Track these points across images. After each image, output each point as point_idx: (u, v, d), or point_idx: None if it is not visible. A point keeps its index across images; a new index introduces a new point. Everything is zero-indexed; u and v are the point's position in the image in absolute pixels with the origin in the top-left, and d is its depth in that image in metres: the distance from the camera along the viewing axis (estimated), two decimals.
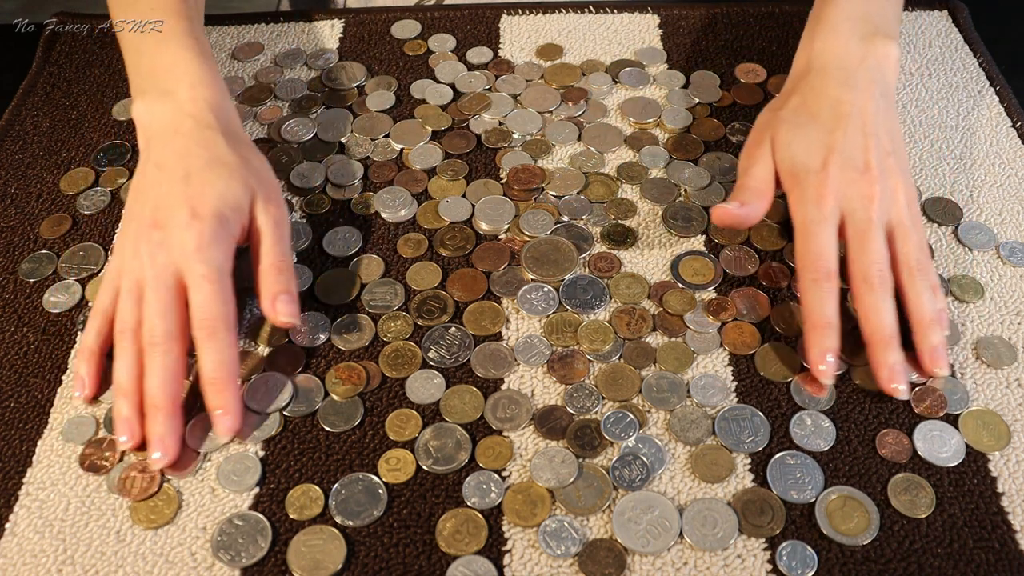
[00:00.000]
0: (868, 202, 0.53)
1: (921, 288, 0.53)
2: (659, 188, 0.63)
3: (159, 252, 0.51)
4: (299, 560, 0.46)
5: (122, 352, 0.50)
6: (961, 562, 0.46)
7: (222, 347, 0.50)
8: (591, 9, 0.79)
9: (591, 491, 0.48)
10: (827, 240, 0.53)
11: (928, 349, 0.52)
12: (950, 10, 0.78)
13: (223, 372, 0.49)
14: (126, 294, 0.51)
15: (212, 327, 0.50)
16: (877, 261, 0.52)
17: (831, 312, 0.52)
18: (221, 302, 0.50)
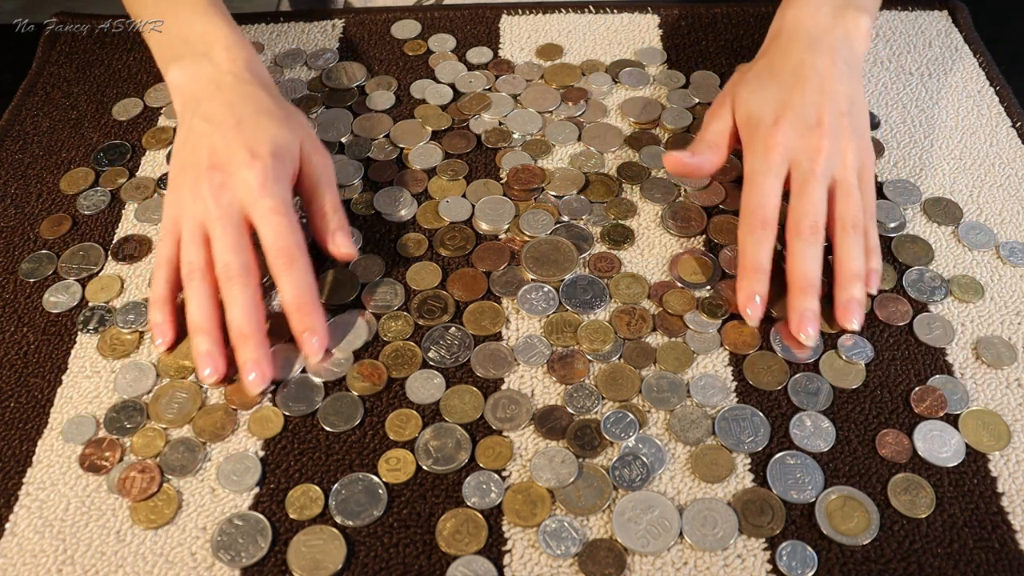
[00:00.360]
0: (814, 155, 0.55)
1: (851, 244, 0.54)
2: (659, 188, 0.63)
3: (222, 192, 0.53)
4: (299, 560, 0.46)
5: (194, 292, 0.52)
6: (961, 562, 0.46)
7: (301, 273, 0.52)
8: (591, 9, 0.79)
9: (591, 491, 0.48)
10: (769, 189, 0.55)
11: (843, 301, 0.54)
12: (950, 10, 0.78)
13: (307, 296, 0.52)
14: (190, 237, 0.53)
15: (290, 255, 0.52)
16: (810, 212, 0.54)
17: (763, 258, 0.54)
18: (293, 231, 0.53)
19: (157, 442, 0.50)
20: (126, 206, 0.64)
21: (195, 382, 0.53)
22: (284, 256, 0.52)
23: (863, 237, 0.55)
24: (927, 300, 0.57)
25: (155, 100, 0.72)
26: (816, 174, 0.54)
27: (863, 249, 0.55)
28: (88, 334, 0.56)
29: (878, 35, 0.76)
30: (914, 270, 0.58)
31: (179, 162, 0.56)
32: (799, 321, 0.53)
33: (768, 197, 0.55)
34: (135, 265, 0.59)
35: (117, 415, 0.51)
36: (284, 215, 0.53)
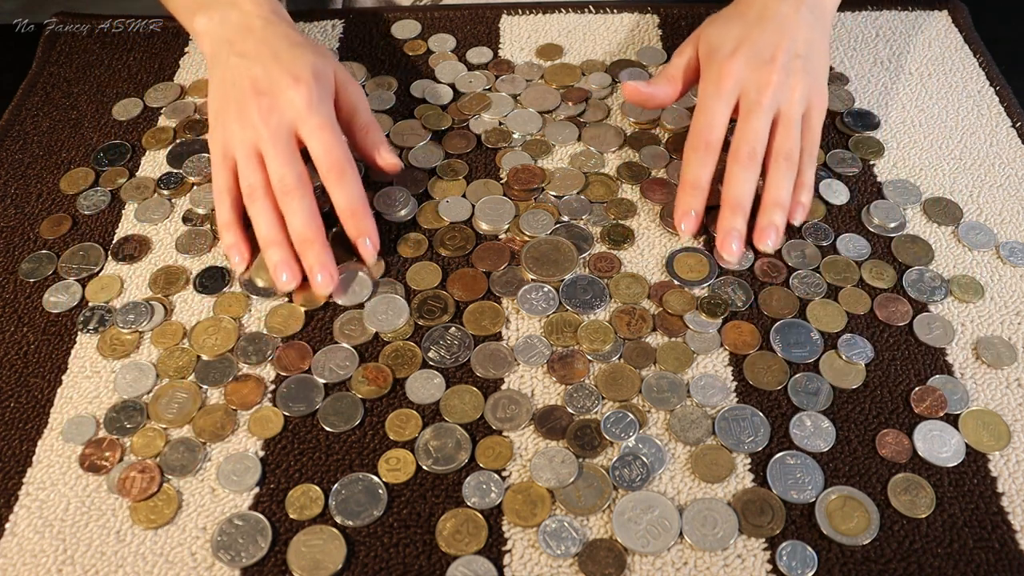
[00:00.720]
0: (763, 87, 0.58)
1: (781, 175, 0.58)
2: (659, 188, 0.63)
3: (271, 115, 0.56)
4: (299, 560, 0.46)
5: (258, 211, 0.56)
6: (961, 562, 0.46)
7: (352, 183, 0.56)
8: (591, 9, 0.79)
9: (591, 491, 0.48)
10: (717, 114, 0.58)
11: (763, 224, 0.58)
12: (950, 10, 0.78)
13: (359, 203, 0.57)
14: (245, 160, 0.56)
15: (340, 168, 0.56)
16: (750, 140, 0.58)
17: (703, 177, 0.58)
18: (341, 145, 0.56)
19: (157, 442, 0.50)
20: (126, 206, 0.64)
21: (194, 382, 0.53)
22: (336, 169, 0.56)
23: (794, 170, 0.59)
24: (927, 300, 0.57)
25: (155, 100, 0.72)
26: (762, 105, 0.58)
27: (792, 181, 0.59)
28: (88, 334, 0.56)
29: (878, 35, 0.76)
30: (914, 270, 0.58)
31: (220, 97, 0.59)
32: (724, 237, 0.58)
33: (715, 121, 0.58)
34: (135, 265, 0.59)
35: (117, 415, 0.51)
36: (331, 130, 0.56)
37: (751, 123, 0.58)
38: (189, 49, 0.76)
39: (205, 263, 0.59)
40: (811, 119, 0.60)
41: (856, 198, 0.63)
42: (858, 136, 0.68)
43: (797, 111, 0.59)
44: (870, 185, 0.64)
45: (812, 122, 0.60)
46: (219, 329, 0.55)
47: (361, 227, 0.57)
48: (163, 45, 0.77)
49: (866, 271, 0.58)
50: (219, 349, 0.54)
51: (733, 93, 0.59)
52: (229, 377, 0.53)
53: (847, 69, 0.73)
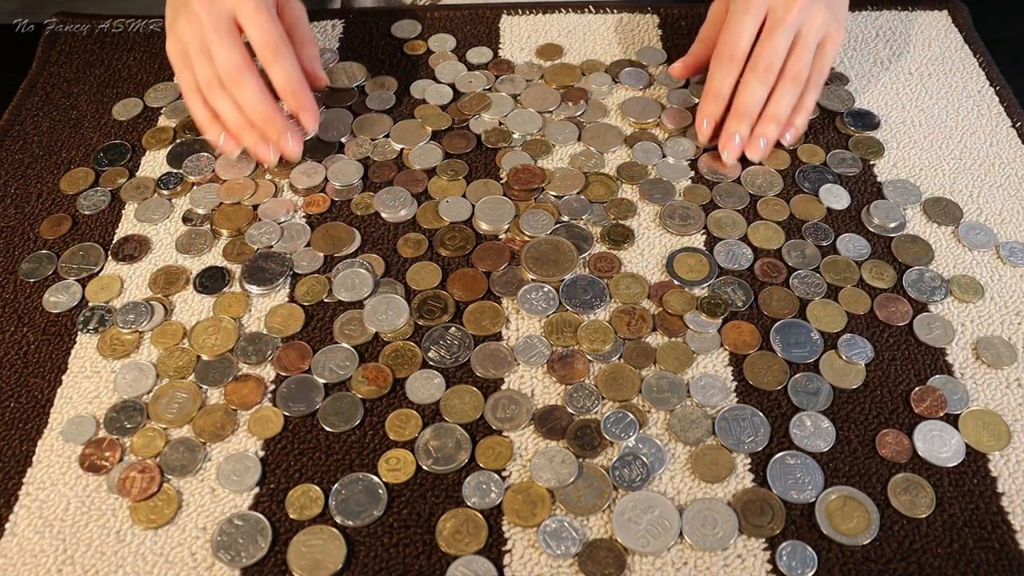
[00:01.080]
0: (790, 6, 0.61)
1: (786, 91, 0.63)
2: (658, 188, 0.63)
3: (212, 6, 0.59)
4: (299, 560, 0.46)
5: (218, 101, 0.61)
6: (961, 562, 0.46)
7: (287, 62, 0.60)
8: (591, 9, 0.79)
9: (591, 491, 0.48)
10: (743, 28, 0.62)
11: (757, 134, 0.63)
12: (950, 10, 0.78)
13: (295, 81, 0.61)
14: (197, 54, 0.60)
15: (275, 47, 0.60)
16: (769, 54, 0.62)
17: (724, 88, 0.63)
18: (275, 26, 0.60)
19: (157, 442, 0.50)
20: (126, 206, 0.64)
21: (194, 382, 0.53)
22: (270, 49, 0.60)
23: (799, 91, 0.63)
24: (927, 300, 0.57)
25: (155, 100, 0.72)
26: (786, 22, 0.61)
27: (793, 101, 0.63)
28: (88, 334, 0.56)
29: (878, 35, 0.76)
30: (914, 270, 0.58)
31: (170, 8, 0.64)
32: (727, 140, 0.63)
33: (741, 34, 0.62)
34: (135, 265, 0.59)
35: (117, 415, 0.51)
36: (266, 13, 0.60)
37: (774, 39, 0.61)
38: None
39: (205, 263, 0.59)
40: (825, 48, 0.63)
41: (856, 198, 0.63)
42: (858, 136, 0.68)
43: (815, 36, 0.62)
44: (870, 185, 0.64)
45: (826, 51, 0.64)
46: (219, 329, 0.55)
47: (298, 102, 0.61)
48: (163, 45, 0.76)
49: (866, 271, 0.58)
50: (219, 349, 0.54)
51: (761, 9, 0.62)
52: (229, 377, 0.53)
53: (847, 69, 0.73)
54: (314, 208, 0.62)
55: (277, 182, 0.64)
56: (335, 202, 0.63)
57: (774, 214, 0.62)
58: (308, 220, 0.62)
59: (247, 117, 0.61)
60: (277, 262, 0.59)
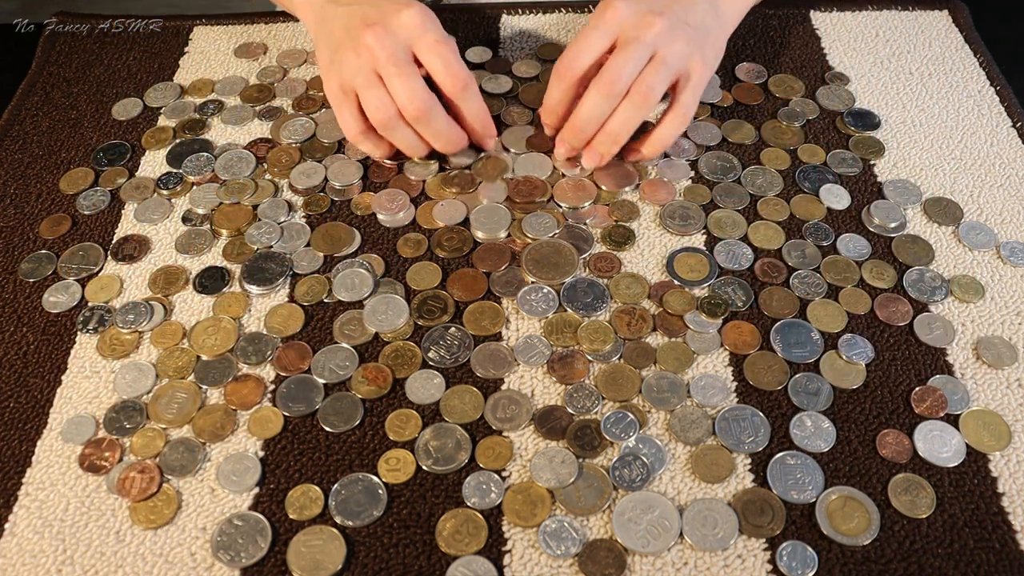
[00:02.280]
0: (646, 28, 0.57)
1: (624, 108, 0.58)
2: (661, 189, 0.63)
3: (386, 39, 0.57)
4: (299, 560, 0.46)
5: (401, 138, 0.60)
6: (961, 562, 0.46)
7: (475, 97, 0.60)
8: (591, 9, 0.79)
9: (591, 491, 0.48)
10: (589, 44, 0.58)
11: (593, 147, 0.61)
12: (950, 10, 0.78)
13: (483, 112, 0.61)
14: (366, 86, 0.58)
15: (464, 82, 0.58)
16: (615, 69, 0.57)
17: (556, 102, 0.61)
18: (459, 60, 0.59)
19: (157, 442, 0.50)
20: (126, 206, 0.63)
21: (194, 382, 0.53)
22: (459, 82, 0.58)
23: (647, 110, 0.58)
24: (927, 300, 0.57)
25: (155, 100, 0.72)
26: (640, 40, 0.57)
27: (639, 120, 0.59)
28: (88, 334, 0.56)
29: (878, 35, 0.76)
30: (914, 270, 0.58)
31: (331, 44, 0.61)
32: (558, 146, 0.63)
33: (582, 49, 0.58)
34: (135, 265, 0.59)
35: (117, 415, 0.51)
36: (447, 46, 0.58)
37: (624, 55, 0.57)
38: (189, 49, 0.76)
39: (205, 263, 0.59)
40: (690, 79, 0.59)
41: (856, 198, 0.63)
42: (858, 136, 0.68)
43: (674, 60, 0.57)
44: (870, 185, 0.64)
45: (691, 82, 0.59)
46: (219, 329, 0.55)
47: (489, 131, 0.63)
48: (163, 45, 0.77)
49: (867, 271, 0.58)
50: (219, 349, 0.54)
51: (612, 28, 0.58)
52: (229, 377, 0.53)
53: (847, 69, 0.73)
54: (313, 209, 0.62)
55: (277, 182, 0.64)
56: (335, 202, 0.63)
57: (774, 214, 0.62)
58: (308, 220, 0.62)
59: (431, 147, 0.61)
60: (277, 262, 0.59)
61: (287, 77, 0.73)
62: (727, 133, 0.67)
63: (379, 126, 0.59)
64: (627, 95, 0.58)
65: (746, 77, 0.72)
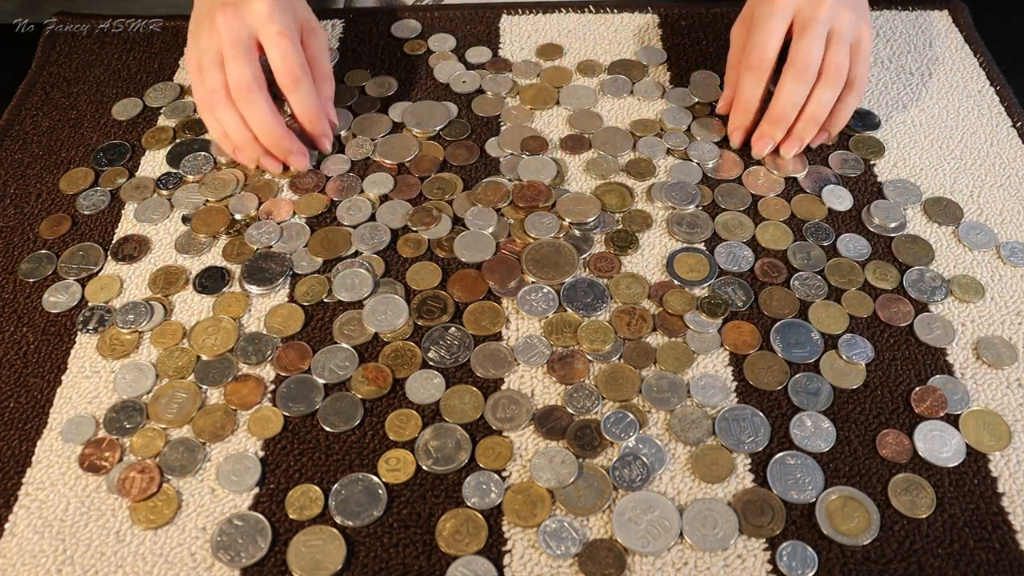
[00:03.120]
0: (817, 5, 0.60)
1: (823, 90, 0.61)
2: (674, 191, 0.63)
3: (234, 21, 0.59)
4: (299, 560, 0.46)
5: (223, 115, 0.61)
6: (961, 562, 0.46)
7: (307, 90, 0.61)
8: (591, 9, 0.79)
9: (591, 491, 0.48)
10: (772, 32, 0.61)
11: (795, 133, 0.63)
12: (950, 10, 0.78)
13: (314, 109, 0.62)
14: (209, 65, 0.60)
15: (295, 75, 0.60)
16: (806, 52, 0.60)
17: (755, 96, 0.62)
18: (298, 54, 0.60)
19: (157, 442, 0.50)
20: (125, 206, 0.63)
21: (194, 382, 0.53)
22: (290, 75, 0.60)
23: (839, 87, 0.61)
24: (927, 300, 0.57)
25: (155, 100, 0.72)
26: (818, 19, 0.60)
27: (833, 98, 0.61)
28: (88, 334, 0.56)
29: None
30: (914, 270, 0.58)
31: (194, 18, 0.64)
32: (759, 140, 0.63)
33: (769, 38, 0.61)
34: (135, 265, 0.59)
35: (117, 415, 0.51)
36: (290, 39, 0.59)
37: (808, 36, 0.60)
38: None
39: (205, 263, 0.59)
40: (860, 48, 0.62)
41: (857, 198, 0.63)
42: (858, 136, 0.68)
43: (848, 33, 0.61)
44: (870, 185, 0.64)
45: (861, 50, 0.62)
46: (219, 329, 0.55)
47: (319, 129, 0.63)
48: (163, 45, 0.77)
49: (870, 272, 0.58)
50: (219, 349, 0.54)
51: (788, 11, 0.61)
52: (229, 377, 0.53)
53: None
54: (312, 210, 0.62)
55: (277, 181, 0.64)
56: (335, 202, 0.63)
57: (776, 215, 0.61)
58: (307, 220, 0.62)
59: (251, 132, 0.61)
60: (277, 262, 0.59)
61: None
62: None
63: (204, 104, 0.62)
64: (820, 77, 0.61)
65: None
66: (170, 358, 0.54)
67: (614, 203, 0.62)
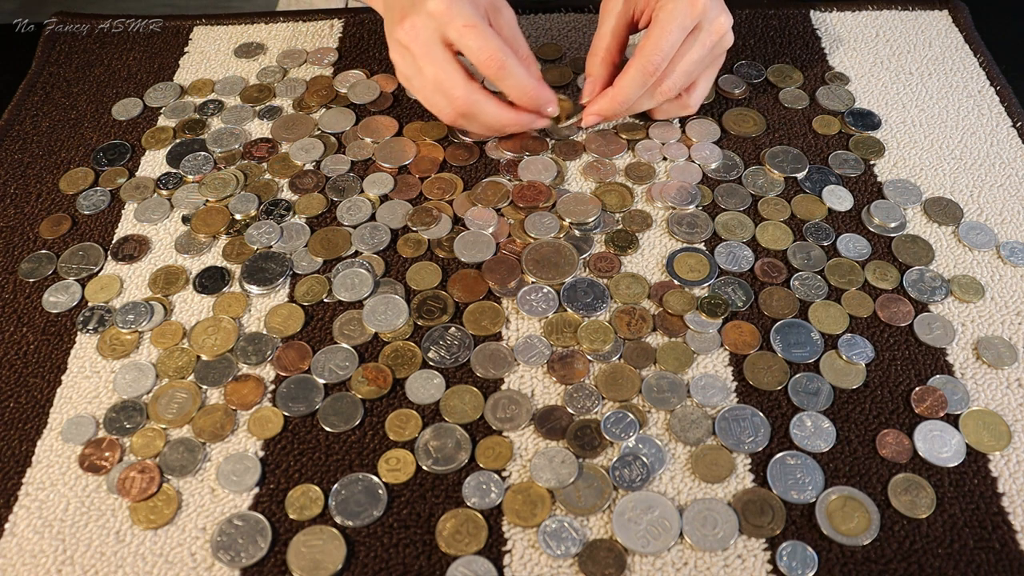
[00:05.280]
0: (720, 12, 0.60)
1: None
2: (673, 192, 0.63)
3: (415, 34, 0.56)
4: (299, 560, 0.46)
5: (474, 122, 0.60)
6: (962, 562, 0.46)
7: (518, 72, 0.57)
8: (591, 9, 0.79)
9: (591, 491, 0.48)
10: (680, 36, 0.59)
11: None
12: (950, 10, 0.78)
13: (532, 87, 0.58)
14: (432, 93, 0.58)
15: (499, 62, 0.56)
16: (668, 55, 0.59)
17: (634, 99, 0.61)
18: (491, 38, 0.56)
19: (157, 442, 0.50)
20: (126, 206, 0.63)
21: (194, 382, 0.53)
22: (494, 63, 0.56)
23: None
24: (927, 300, 0.57)
25: (155, 100, 0.72)
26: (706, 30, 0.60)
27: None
28: (88, 334, 0.56)
29: (878, 35, 0.76)
30: (914, 270, 0.58)
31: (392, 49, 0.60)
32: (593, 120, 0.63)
33: (677, 43, 0.59)
34: (135, 265, 0.59)
35: (117, 415, 0.51)
36: (477, 27, 0.55)
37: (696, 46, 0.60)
38: (189, 49, 0.76)
39: (205, 263, 0.59)
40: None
41: (857, 198, 0.63)
42: (858, 136, 0.68)
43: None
44: (870, 185, 0.64)
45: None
46: (219, 329, 0.55)
47: (540, 103, 0.59)
48: (163, 45, 0.77)
49: (870, 272, 0.58)
50: (219, 349, 0.54)
51: (698, 17, 0.59)
52: (229, 377, 0.53)
53: (847, 69, 0.73)
54: (311, 210, 0.62)
55: (277, 181, 0.64)
56: (335, 202, 0.63)
57: (776, 215, 0.61)
58: (308, 221, 0.62)
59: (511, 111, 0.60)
60: (277, 262, 0.59)
61: (287, 77, 0.73)
62: (728, 127, 0.67)
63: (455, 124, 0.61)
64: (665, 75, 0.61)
65: (744, 76, 0.72)
66: (170, 358, 0.54)
67: (614, 203, 0.62)
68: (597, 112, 0.62)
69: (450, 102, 0.58)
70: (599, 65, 0.63)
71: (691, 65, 0.60)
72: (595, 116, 0.62)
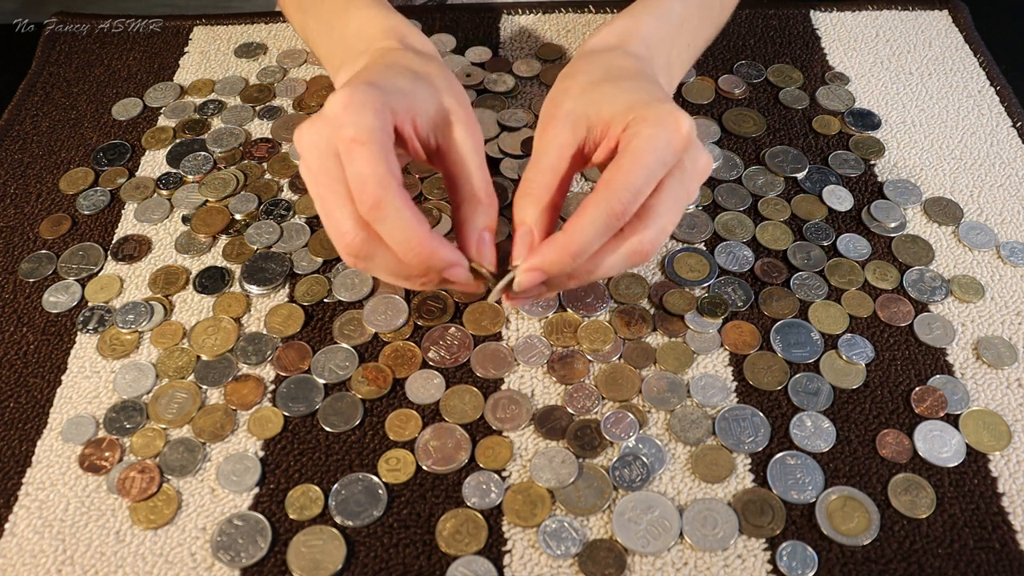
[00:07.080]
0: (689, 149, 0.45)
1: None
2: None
3: (315, 140, 0.43)
4: (299, 560, 0.46)
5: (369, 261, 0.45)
6: (962, 562, 0.46)
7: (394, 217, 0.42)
8: (591, 9, 0.79)
9: (591, 491, 0.48)
10: (655, 177, 0.44)
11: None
12: (950, 10, 0.78)
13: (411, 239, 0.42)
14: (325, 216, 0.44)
15: (373, 198, 0.41)
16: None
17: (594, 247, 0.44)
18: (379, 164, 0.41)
19: (157, 442, 0.50)
20: (125, 206, 0.63)
21: (194, 382, 0.53)
22: (367, 199, 0.41)
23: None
24: (927, 300, 0.57)
25: (154, 100, 0.72)
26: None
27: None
28: (88, 334, 0.56)
29: (878, 35, 0.76)
30: (914, 270, 0.58)
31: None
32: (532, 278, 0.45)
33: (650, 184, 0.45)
34: (135, 265, 0.59)
35: (117, 415, 0.51)
36: (366, 144, 0.41)
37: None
38: (189, 49, 0.76)
39: (205, 263, 0.59)
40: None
41: (857, 198, 0.63)
42: (858, 136, 0.68)
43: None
44: (870, 185, 0.64)
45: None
46: (219, 329, 0.55)
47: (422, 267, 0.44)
48: (163, 45, 0.77)
49: (870, 272, 0.58)
50: (219, 349, 0.54)
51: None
52: (229, 377, 0.53)
53: (847, 69, 0.73)
54: (311, 210, 0.62)
55: (278, 181, 0.64)
56: None
57: (776, 215, 0.61)
58: (307, 221, 0.62)
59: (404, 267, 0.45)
60: (277, 262, 0.59)
61: (287, 77, 0.73)
62: (728, 127, 0.67)
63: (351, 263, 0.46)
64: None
65: (744, 76, 0.72)
66: (170, 358, 0.54)
67: None
68: (540, 266, 0.44)
69: (338, 238, 0.43)
70: (535, 209, 0.46)
71: (669, 215, 0.45)
72: (537, 272, 0.44)
